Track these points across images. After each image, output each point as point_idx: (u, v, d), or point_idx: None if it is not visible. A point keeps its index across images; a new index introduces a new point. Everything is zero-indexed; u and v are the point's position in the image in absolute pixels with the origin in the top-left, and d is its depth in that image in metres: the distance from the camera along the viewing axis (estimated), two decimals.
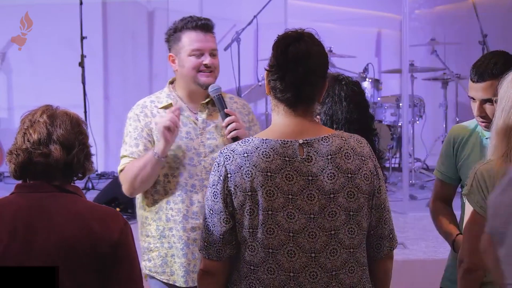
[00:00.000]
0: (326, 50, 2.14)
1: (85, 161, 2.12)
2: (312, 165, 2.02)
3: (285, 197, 2.00)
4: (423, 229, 5.28)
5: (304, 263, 2.02)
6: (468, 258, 2.30)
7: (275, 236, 2.01)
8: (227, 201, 2.03)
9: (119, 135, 3.03)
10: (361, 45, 8.39)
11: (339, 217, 2.03)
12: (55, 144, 2.06)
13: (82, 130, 2.14)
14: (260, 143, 2.04)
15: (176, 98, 2.91)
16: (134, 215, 5.79)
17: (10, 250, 2.02)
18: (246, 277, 2.06)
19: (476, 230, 2.27)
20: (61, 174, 2.09)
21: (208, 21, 2.89)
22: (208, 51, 2.84)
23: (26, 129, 2.08)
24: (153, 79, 8.24)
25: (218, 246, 2.07)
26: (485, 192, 2.25)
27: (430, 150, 7.59)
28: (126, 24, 8.21)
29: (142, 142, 2.85)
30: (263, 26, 7.49)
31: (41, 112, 2.11)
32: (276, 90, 2.07)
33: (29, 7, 6.70)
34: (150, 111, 2.90)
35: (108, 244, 2.04)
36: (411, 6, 7.30)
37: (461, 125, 2.81)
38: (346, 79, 2.57)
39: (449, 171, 2.78)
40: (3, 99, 7.87)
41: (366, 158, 2.08)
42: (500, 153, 2.25)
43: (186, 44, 2.85)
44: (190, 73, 2.85)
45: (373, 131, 2.57)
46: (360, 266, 2.10)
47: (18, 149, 2.08)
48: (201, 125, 2.88)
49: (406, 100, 6.28)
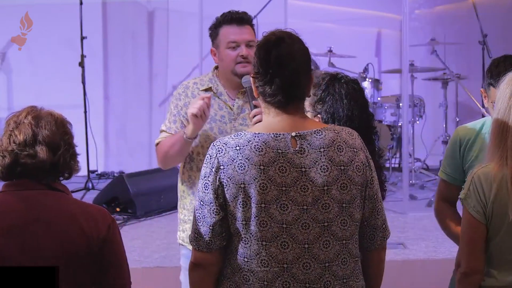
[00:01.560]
0: (305, 45, 2.14)
1: (71, 161, 2.14)
2: (305, 157, 2.05)
3: (278, 189, 2.03)
4: (423, 229, 5.28)
5: (297, 254, 2.04)
6: (465, 262, 2.30)
7: (268, 228, 2.03)
8: (217, 192, 2.06)
9: (119, 135, 3.07)
10: (361, 45, 8.40)
11: (332, 209, 2.05)
12: (41, 145, 2.07)
13: (67, 131, 2.16)
14: (253, 136, 2.06)
15: (217, 83, 3.07)
16: (134, 215, 5.84)
17: (4, 249, 2.02)
18: (240, 269, 2.08)
19: (472, 234, 2.28)
20: (47, 174, 2.11)
21: (243, 15, 3.05)
22: (244, 43, 2.99)
23: (11, 130, 2.09)
24: (153, 79, 8.25)
25: (208, 237, 2.09)
26: (481, 197, 2.25)
27: (430, 150, 7.60)
28: (126, 24, 8.21)
29: (179, 119, 3.04)
30: (263, 26, 7.46)
31: (26, 114, 2.12)
32: (266, 95, 2.10)
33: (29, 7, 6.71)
34: (191, 92, 3.07)
35: (97, 241, 2.08)
36: (411, 6, 7.29)
37: (467, 126, 2.78)
38: (345, 77, 2.58)
39: (455, 173, 2.76)
40: (3, 99, 7.87)
41: (358, 150, 2.11)
42: (497, 157, 2.25)
43: (223, 38, 3.01)
44: (229, 65, 3.00)
45: (373, 129, 2.57)
46: (353, 257, 2.12)
47: (4, 150, 2.09)
48: (236, 110, 3.04)
49: (406, 100, 6.28)
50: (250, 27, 3.06)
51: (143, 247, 4.96)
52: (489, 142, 2.32)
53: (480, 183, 2.25)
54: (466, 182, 2.31)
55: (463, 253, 2.32)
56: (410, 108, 7.00)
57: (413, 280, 4.36)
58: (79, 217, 2.08)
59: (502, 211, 2.22)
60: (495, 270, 2.28)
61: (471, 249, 2.29)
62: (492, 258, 2.29)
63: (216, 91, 3.05)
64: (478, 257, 2.28)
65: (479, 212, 2.25)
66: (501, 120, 2.26)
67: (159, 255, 4.74)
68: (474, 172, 2.29)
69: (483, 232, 2.26)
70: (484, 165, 2.30)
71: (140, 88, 8.17)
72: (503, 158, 2.24)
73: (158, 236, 5.29)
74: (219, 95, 3.04)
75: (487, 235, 2.27)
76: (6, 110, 7.97)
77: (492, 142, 2.29)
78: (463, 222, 2.32)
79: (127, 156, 7.88)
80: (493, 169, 2.25)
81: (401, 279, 4.35)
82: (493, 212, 2.24)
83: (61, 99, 6.69)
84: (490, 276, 2.29)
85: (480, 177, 2.26)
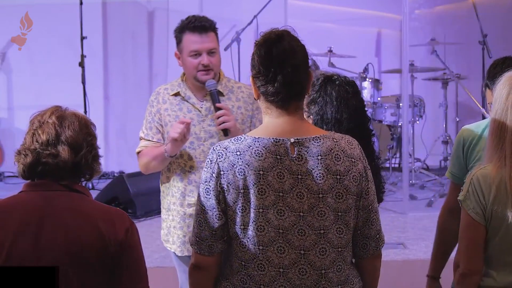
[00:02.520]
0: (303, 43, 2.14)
1: (93, 162, 2.14)
2: (302, 164, 2.04)
3: (276, 194, 2.02)
4: (423, 229, 5.28)
5: (293, 260, 2.04)
6: (464, 263, 2.30)
7: (266, 233, 2.03)
8: (219, 198, 2.06)
9: (119, 135, 3.11)
10: (361, 45, 8.39)
11: (328, 217, 2.05)
12: (63, 145, 2.07)
13: (91, 132, 2.16)
14: (253, 141, 2.05)
15: (185, 87, 3.19)
16: (134, 215, 5.84)
17: (19, 247, 2.03)
18: (238, 272, 2.09)
19: (471, 236, 2.28)
20: (68, 175, 2.10)
21: (205, 23, 3.12)
22: (206, 51, 3.08)
23: (35, 129, 2.10)
24: (153, 79, 8.24)
25: (210, 241, 2.09)
26: (481, 198, 2.24)
27: (430, 150, 7.60)
28: (126, 24, 8.21)
29: (154, 126, 3.20)
30: (263, 26, 7.45)
31: (50, 113, 2.12)
32: (268, 94, 2.08)
33: (29, 7, 6.72)
34: (162, 97, 3.21)
35: (114, 244, 2.06)
36: (411, 6, 7.29)
37: (471, 127, 2.79)
38: (340, 79, 2.57)
39: (460, 172, 2.77)
40: (3, 99, 7.88)
41: (356, 160, 2.10)
42: (495, 158, 2.25)
43: (185, 46, 3.11)
44: (191, 72, 3.12)
45: (366, 132, 2.56)
46: (347, 264, 2.13)
47: (27, 149, 2.09)
48: (204, 112, 3.15)
49: (406, 100, 6.27)
50: (214, 34, 3.13)
51: (143, 247, 4.94)
52: (487, 143, 2.31)
53: (479, 184, 2.25)
54: (465, 184, 2.31)
55: (462, 254, 2.32)
56: (410, 108, 6.99)
57: (413, 280, 4.36)
58: (96, 219, 2.07)
59: (501, 212, 2.22)
60: (494, 271, 2.29)
61: (470, 250, 2.29)
62: (491, 259, 2.29)
63: (184, 95, 3.16)
64: (477, 258, 2.28)
65: (478, 214, 2.25)
66: (499, 121, 2.25)
67: (159, 255, 4.74)
68: (472, 173, 2.29)
69: (482, 233, 2.26)
70: (482, 166, 2.29)
71: (140, 88, 8.17)
72: (501, 159, 2.23)
73: (158, 236, 5.22)
74: (187, 98, 3.16)
75: (486, 236, 2.27)
76: (6, 110, 7.99)
77: (490, 144, 2.28)
78: (462, 224, 2.32)
79: (127, 156, 7.86)
80: (491, 170, 2.24)
81: (401, 279, 4.35)
82: (492, 213, 2.24)
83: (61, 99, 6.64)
84: (489, 276, 2.29)
85: (479, 178, 2.26)
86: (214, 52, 3.10)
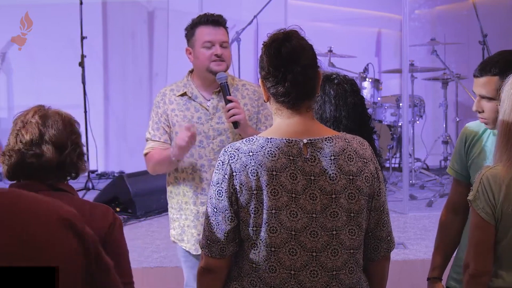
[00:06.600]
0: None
1: (78, 161, 2.12)
2: (315, 165, 2.02)
3: (288, 195, 2.00)
4: (423, 229, 5.28)
5: (305, 262, 2.02)
6: (474, 263, 2.28)
7: (278, 234, 2.01)
8: (232, 199, 2.02)
9: (119, 135, 3.11)
10: (361, 45, 8.40)
11: (341, 217, 2.03)
12: (48, 145, 2.06)
13: (75, 130, 2.14)
14: (265, 142, 2.03)
15: (192, 86, 3.23)
16: (134, 215, 5.84)
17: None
18: (248, 274, 2.06)
19: (481, 236, 2.26)
20: (54, 174, 2.09)
21: (218, 17, 3.20)
22: (218, 43, 3.15)
23: (18, 130, 2.08)
24: (153, 78, 8.25)
25: (221, 244, 2.07)
26: (490, 198, 2.23)
27: (430, 150, 7.60)
28: (126, 24, 8.22)
29: (161, 126, 3.23)
30: (263, 26, 7.49)
31: (33, 113, 2.11)
32: (279, 95, 2.05)
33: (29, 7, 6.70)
34: (168, 98, 3.24)
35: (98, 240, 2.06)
36: (411, 6, 7.30)
37: (474, 124, 2.79)
38: (339, 77, 2.57)
39: (461, 169, 2.78)
40: (3, 99, 7.87)
41: (368, 161, 2.08)
42: (505, 158, 2.24)
43: (198, 38, 3.17)
44: (204, 63, 3.16)
45: (367, 130, 2.56)
46: (359, 266, 2.11)
47: (11, 150, 2.07)
48: (211, 110, 3.19)
49: (406, 100, 6.27)
50: (224, 29, 3.22)
51: (143, 247, 4.96)
52: (496, 143, 2.29)
53: (489, 184, 2.23)
54: (475, 184, 2.29)
55: (472, 254, 2.29)
56: (410, 108, 7.00)
57: (413, 280, 4.36)
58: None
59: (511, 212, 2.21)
60: (504, 271, 2.27)
61: (480, 251, 2.27)
62: (500, 259, 2.27)
63: (191, 94, 3.21)
64: (486, 259, 2.26)
65: (488, 214, 2.23)
66: (507, 121, 2.24)
67: (159, 255, 4.74)
68: (482, 173, 2.27)
69: (492, 234, 2.25)
70: (492, 166, 2.28)
71: (140, 88, 8.17)
72: (511, 159, 2.22)
73: (158, 236, 5.29)
74: (194, 98, 3.21)
75: (495, 237, 2.25)
76: (6, 110, 7.99)
77: (499, 144, 2.27)
78: (472, 224, 2.30)
79: (127, 156, 7.87)
80: (501, 170, 2.23)
81: (401, 279, 4.35)
82: (502, 213, 2.22)
83: (61, 99, 6.69)
84: (498, 277, 2.27)
85: (488, 178, 2.24)
86: (226, 47, 3.18)
